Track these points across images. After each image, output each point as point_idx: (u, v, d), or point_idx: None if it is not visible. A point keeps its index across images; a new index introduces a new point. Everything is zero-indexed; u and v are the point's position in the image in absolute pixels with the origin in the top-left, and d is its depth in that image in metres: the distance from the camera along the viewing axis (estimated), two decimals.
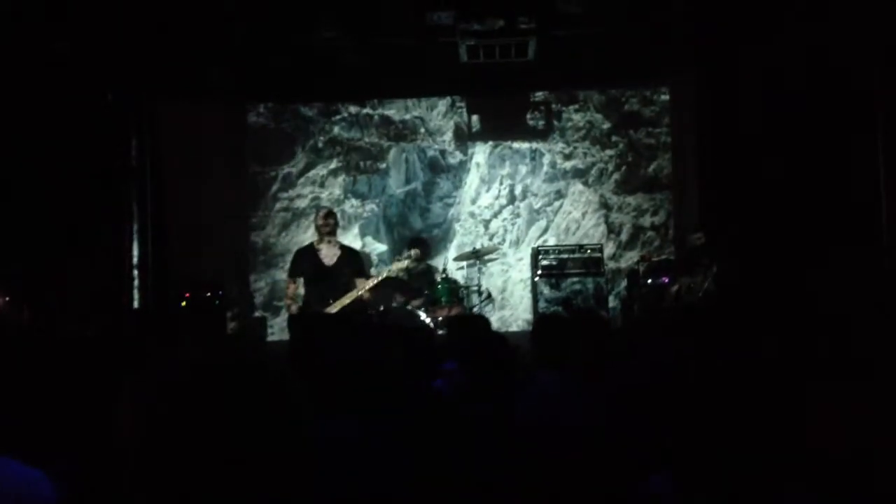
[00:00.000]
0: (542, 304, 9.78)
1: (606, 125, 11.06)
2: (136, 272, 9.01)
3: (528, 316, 10.67)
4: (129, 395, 1.43)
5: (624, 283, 10.45)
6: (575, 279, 9.74)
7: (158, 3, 7.47)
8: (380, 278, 7.85)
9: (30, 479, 2.01)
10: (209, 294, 9.31)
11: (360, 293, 7.47)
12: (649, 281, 9.48)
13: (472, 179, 11.12)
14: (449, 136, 11.20)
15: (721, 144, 9.32)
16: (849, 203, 7.48)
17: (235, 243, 10.87)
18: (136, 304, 8.87)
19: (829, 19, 7.29)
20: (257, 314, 10.80)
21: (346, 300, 7.47)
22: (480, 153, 11.13)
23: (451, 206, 11.11)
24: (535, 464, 2.88)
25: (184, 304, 9.17)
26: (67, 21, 7.45)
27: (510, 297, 10.98)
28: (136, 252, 9.04)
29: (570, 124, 11.08)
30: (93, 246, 8.45)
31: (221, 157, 10.77)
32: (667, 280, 8.96)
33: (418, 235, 10.38)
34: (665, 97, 11.02)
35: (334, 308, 7.46)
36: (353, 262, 7.82)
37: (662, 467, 2.32)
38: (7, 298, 7.29)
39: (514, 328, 10.64)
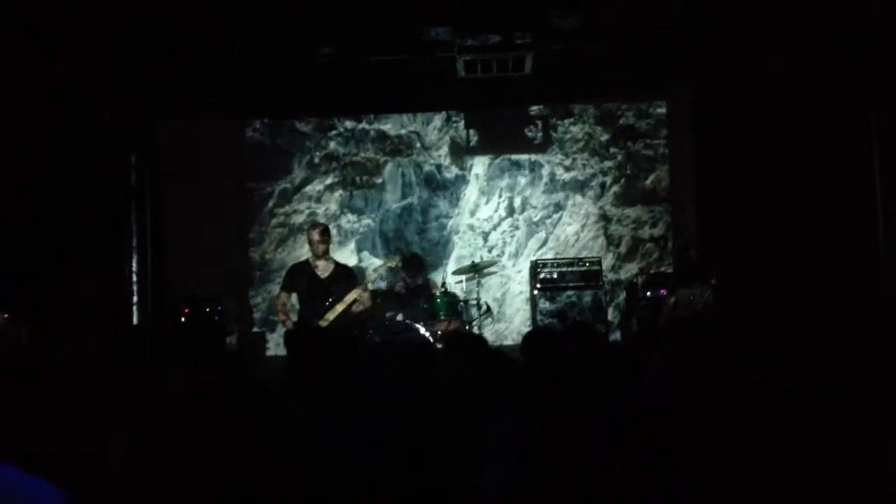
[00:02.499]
0: (539, 318, 9.80)
1: (605, 137, 11.12)
2: (135, 288, 9.00)
3: (525, 329, 10.69)
4: (121, 413, 1.42)
5: (623, 296, 10.48)
6: (572, 292, 9.75)
7: (154, 22, 7.50)
8: (369, 282, 7.96)
9: (37, 489, 2.01)
10: (208, 310, 9.34)
11: (351, 301, 7.55)
12: (648, 294, 9.53)
13: (470, 191, 11.18)
14: (444, 150, 11.26)
15: (719, 158, 9.36)
16: (846, 213, 7.52)
17: (234, 259, 10.91)
18: (135, 321, 8.86)
19: (826, 36, 7.35)
20: (255, 330, 10.81)
21: (340, 307, 7.56)
22: (479, 165, 11.20)
23: (446, 225, 11.14)
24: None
25: (183, 319, 9.17)
26: (66, 42, 7.49)
27: (507, 309, 11.00)
28: (135, 268, 9.03)
29: (568, 136, 11.15)
30: (91, 263, 8.47)
31: (219, 173, 10.84)
32: (665, 293, 8.98)
33: (414, 253, 10.37)
34: (660, 110, 11.07)
35: (327, 319, 7.53)
36: (348, 277, 7.92)
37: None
38: (6, 316, 7.30)
39: (508, 341, 10.65)
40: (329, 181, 11.29)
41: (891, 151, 7.20)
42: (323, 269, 7.95)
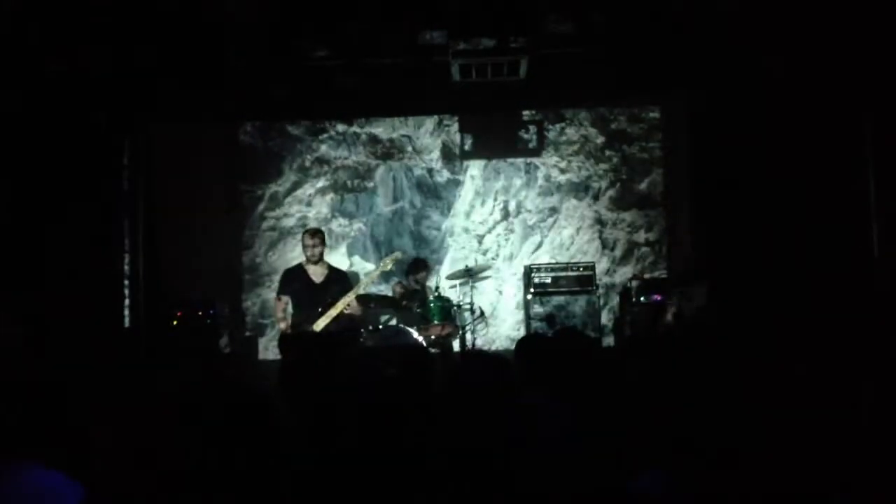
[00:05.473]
0: (532, 322, 9.89)
1: (600, 139, 11.24)
2: (127, 291, 9.06)
3: (515, 334, 10.85)
4: (115, 414, 1.46)
5: (617, 301, 10.58)
6: (563, 297, 9.85)
7: (148, 24, 7.57)
8: (363, 286, 8.05)
9: (53, 482, 2.07)
10: (200, 313, 9.39)
11: (345, 306, 7.63)
12: (641, 299, 9.62)
13: (466, 193, 11.29)
14: (436, 154, 11.37)
15: (714, 162, 9.46)
16: (840, 217, 7.61)
17: (226, 262, 10.99)
18: (127, 323, 8.92)
19: (820, 38, 7.45)
20: (248, 334, 10.88)
21: (334, 312, 7.64)
22: (475, 166, 11.32)
23: (438, 229, 11.23)
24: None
25: (175, 322, 9.23)
26: (60, 42, 7.56)
27: (499, 313, 11.08)
28: (127, 271, 9.09)
29: (563, 139, 11.27)
30: (85, 265, 8.52)
31: (212, 175, 10.91)
32: (659, 298, 9.06)
33: (418, 257, 10.39)
34: (654, 114, 11.19)
35: (321, 324, 7.61)
36: (341, 282, 8.00)
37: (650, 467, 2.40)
38: None
39: (496, 346, 10.73)
40: (320, 185, 11.39)
41: (886, 156, 7.29)
42: (316, 274, 8.04)
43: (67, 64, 7.93)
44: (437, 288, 9.56)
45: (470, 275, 9.96)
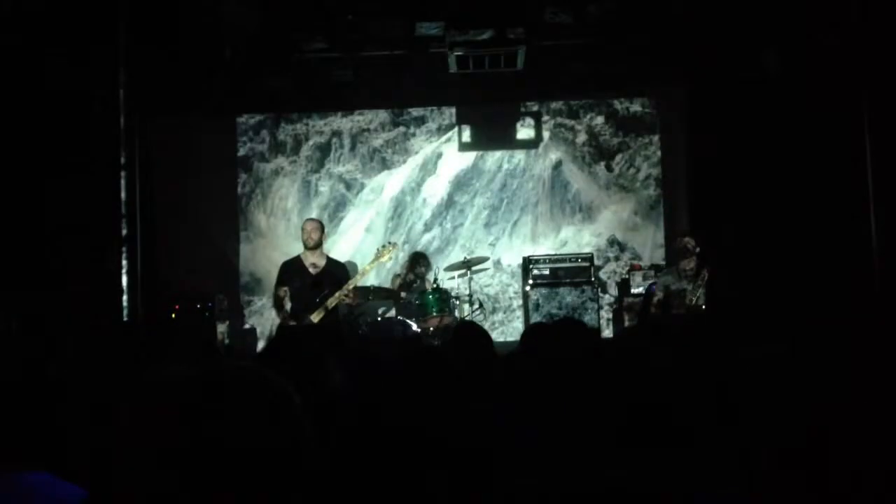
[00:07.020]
0: (531, 314, 9.89)
1: (599, 129, 11.23)
2: (124, 284, 9.06)
3: (510, 325, 10.85)
4: (124, 409, 1.43)
5: (614, 291, 10.60)
6: (561, 288, 9.83)
7: (147, 19, 7.58)
8: (360, 277, 8.04)
9: (67, 494, 2.06)
10: (199, 306, 9.38)
11: (342, 296, 7.64)
12: (640, 289, 9.63)
13: (465, 184, 11.25)
14: (436, 145, 11.32)
15: (712, 151, 9.47)
16: (838, 208, 7.63)
17: (225, 255, 10.98)
18: (125, 317, 8.92)
19: (818, 29, 7.46)
20: (246, 326, 10.89)
21: (330, 303, 7.65)
22: (473, 157, 11.26)
23: (438, 220, 11.22)
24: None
25: (174, 316, 9.23)
26: (59, 40, 7.57)
27: (496, 305, 11.09)
28: (124, 264, 9.09)
29: (562, 129, 11.23)
30: (81, 258, 8.52)
31: (210, 168, 10.88)
32: (655, 286, 9.07)
33: (419, 251, 10.41)
34: (652, 104, 11.20)
35: (317, 315, 7.63)
36: (339, 273, 8.01)
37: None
38: None
39: (493, 337, 10.72)
40: (320, 176, 11.35)
41: (884, 146, 7.30)
42: (314, 265, 8.06)
43: (67, 61, 7.94)
44: (435, 280, 9.56)
45: (468, 266, 9.94)
